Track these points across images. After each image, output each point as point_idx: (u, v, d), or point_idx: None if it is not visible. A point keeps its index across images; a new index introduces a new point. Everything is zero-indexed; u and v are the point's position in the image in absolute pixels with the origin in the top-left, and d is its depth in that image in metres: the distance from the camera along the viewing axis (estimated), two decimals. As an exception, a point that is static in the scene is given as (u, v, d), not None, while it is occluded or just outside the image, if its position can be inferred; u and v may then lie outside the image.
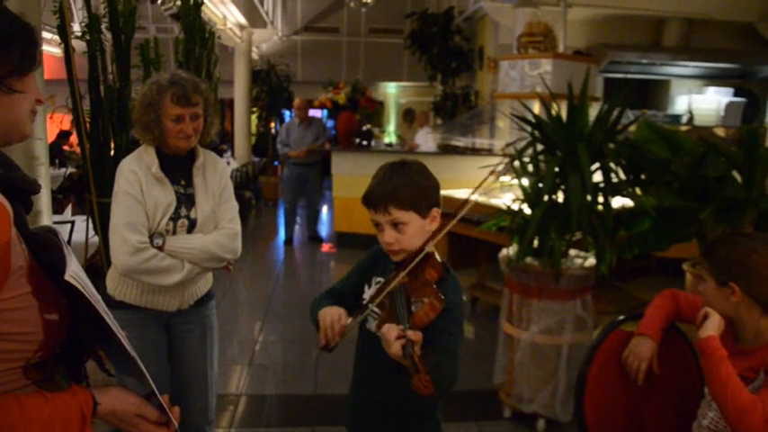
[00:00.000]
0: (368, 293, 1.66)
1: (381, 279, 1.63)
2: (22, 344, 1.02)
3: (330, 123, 11.43)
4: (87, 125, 3.13)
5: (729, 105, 7.87)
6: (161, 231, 2.11)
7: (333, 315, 1.53)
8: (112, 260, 2.13)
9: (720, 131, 7.19)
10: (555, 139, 3.06)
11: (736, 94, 8.10)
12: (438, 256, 1.57)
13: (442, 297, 1.45)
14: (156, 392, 1.14)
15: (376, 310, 1.54)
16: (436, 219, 1.59)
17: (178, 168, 2.19)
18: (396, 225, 1.54)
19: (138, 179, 2.11)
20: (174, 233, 2.15)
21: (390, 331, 1.33)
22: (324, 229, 8.47)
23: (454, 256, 4.64)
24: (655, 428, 2.02)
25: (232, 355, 4.13)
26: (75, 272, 1.03)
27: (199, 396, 2.34)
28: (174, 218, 2.14)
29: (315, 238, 7.81)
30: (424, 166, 1.62)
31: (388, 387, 1.60)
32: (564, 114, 3.09)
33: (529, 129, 3.15)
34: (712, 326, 1.67)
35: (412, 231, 1.54)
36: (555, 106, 3.10)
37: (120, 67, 3.15)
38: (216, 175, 2.26)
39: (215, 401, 2.42)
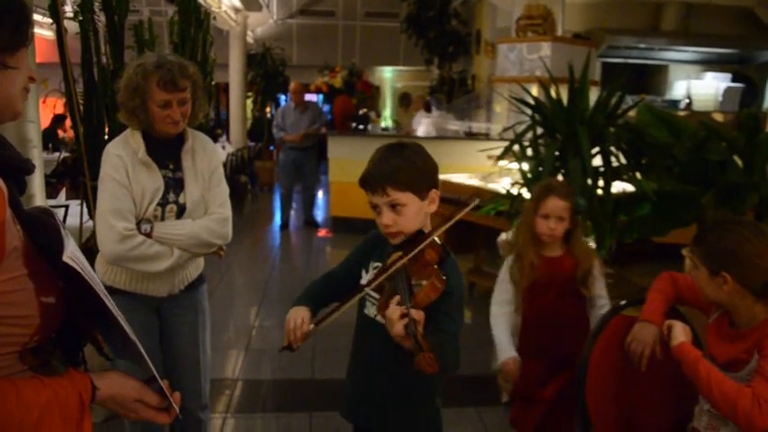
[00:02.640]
0: (366, 279, 1.64)
1: (379, 264, 1.59)
2: (19, 328, 1.00)
3: (326, 107, 11.36)
4: (81, 108, 3.08)
5: (727, 90, 7.85)
6: (149, 217, 2.06)
7: (296, 320, 1.53)
8: (99, 247, 2.08)
9: (719, 117, 7.18)
10: (555, 123, 3.04)
11: (734, 80, 8.09)
12: (437, 238, 1.55)
13: (444, 278, 1.43)
14: (157, 377, 1.12)
15: (374, 294, 1.52)
16: (435, 201, 1.56)
17: (166, 152, 2.13)
18: (394, 207, 1.51)
19: (123, 164, 2.04)
20: (163, 219, 2.10)
21: (393, 311, 1.31)
22: (320, 214, 8.45)
23: (451, 241, 4.58)
24: (657, 413, 2.02)
25: (228, 340, 4.11)
26: (73, 253, 1.01)
27: (191, 381, 2.30)
28: (163, 203, 2.09)
29: (311, 223, 7.78)
30: (422, 148, 1.59)
31: (387, 372, 1.58)
32: (564, 98, 3.06)
33: (529, 112, 3.12)
34: (679, 332, 1.72)
35: (410, 213, 1.52)
36: (554, 90, 3.08)
37: (113, 48, 3.09)
38: (205, 158, 2.19)
39: (208, 386, 2.39)
